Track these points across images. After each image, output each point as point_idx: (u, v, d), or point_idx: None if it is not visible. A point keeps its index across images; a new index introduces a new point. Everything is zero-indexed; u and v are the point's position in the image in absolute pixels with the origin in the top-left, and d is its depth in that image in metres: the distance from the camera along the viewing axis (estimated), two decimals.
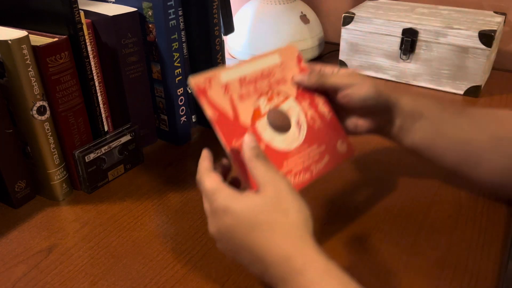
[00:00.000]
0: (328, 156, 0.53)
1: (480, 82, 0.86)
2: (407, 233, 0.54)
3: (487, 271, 0.48)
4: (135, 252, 0.52)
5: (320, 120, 0.54)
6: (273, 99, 0.52)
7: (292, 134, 0.52)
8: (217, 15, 0.69)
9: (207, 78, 0.48)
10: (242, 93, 0.50)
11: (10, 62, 0.52)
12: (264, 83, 0.52)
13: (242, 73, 0.51)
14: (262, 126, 0.50)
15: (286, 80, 0.54)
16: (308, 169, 0.51)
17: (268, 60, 0.54)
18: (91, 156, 0.61)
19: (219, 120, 0.47)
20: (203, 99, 0.47)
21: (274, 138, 0.50)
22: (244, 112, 0.49)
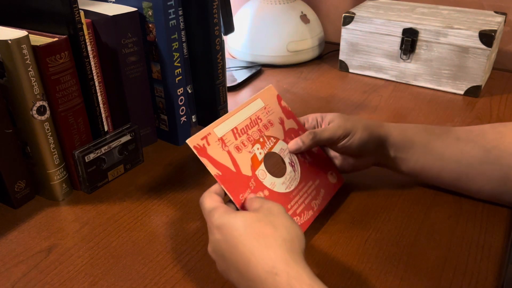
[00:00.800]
0: (323, 190, 0.56)
1: (480, 82, 0.86)
2: (407, 233, 0.54)
3: (487, 271, 0.48)
4: (135, 253, 0.52)
5: (309, 156, 0.58)
6: (265, 144, 0.55)
7: (289, 175, 0.54)
8: (217, 15, 0.69)
9: (204, 136, 0.50)
10: (237, 145, 0.52)
11: (10, 62, 0.52)
12: (255, 130, 0.55)
13: (233, 125, 0.53)
14: (261, 173, 0.52)
15: (273, 123, 0.57)
16: (310, 207, 0.54)
17: (253, 106, 0.56)
18: (91, 156, 0.61)
19: (224, 177, 0.49)
20: (205, 159, 0.49)
21: (275, 182, 0.52)
22: (243, 163, 0.51)
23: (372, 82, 0.95)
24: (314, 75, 0.99)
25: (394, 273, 0.48)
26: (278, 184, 0.53)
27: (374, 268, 0.49)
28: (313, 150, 0.58)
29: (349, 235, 0.54)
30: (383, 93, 0.90)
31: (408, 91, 0.91)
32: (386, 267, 0.49)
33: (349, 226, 0.55)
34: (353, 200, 0.60)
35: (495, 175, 0.53)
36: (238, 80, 0.95)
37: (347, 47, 0.97)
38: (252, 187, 0.50)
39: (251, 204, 0.46)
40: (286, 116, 0.59)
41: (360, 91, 0.91)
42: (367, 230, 0.55)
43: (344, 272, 0.49)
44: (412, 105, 0.85)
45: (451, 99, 0.87)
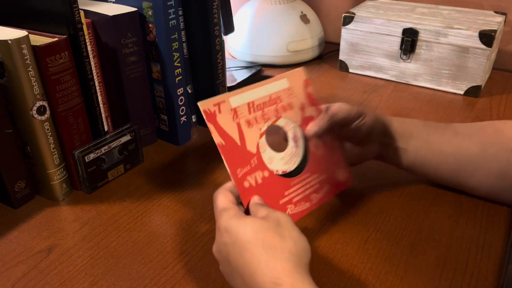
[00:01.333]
0: (327, 186, 0.54)
1: (480, 82, 0.86)
2: (407, 233, 0.54)
3: (487, 271, 0.48)
4: (135, 253, 0.52)
5: (324, 148, 0.55)
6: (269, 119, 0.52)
7: (290, 150, 0.52)
8: (217, 15, 0.69)
9: (217, 103, 0.48)
10: (249, 119, 0.50)
11: (10, 62, 0.52)
12: (272, 109, 0.52)
13: (250, 98, 0.51)
14: (262, 146, 0.50)
15: (293, 106, 0.54)
16: (308, 199, 0.52)
17: (277, 85, 0.54)
18: (91, 156, 0.61)
19: (226, 148, 0.47)
20: (212, 126, 0.48)
21: (273, 157, 0.50)
22: (250, 139, 0.50)
23: (372, 82, 0.95)
24: (314, 75, 0.99)
25: (394, 273, 0.48)
26: (276, 159, 0.51)
27: (374, 268, 0.49)
28: (329, 142, 0.56)
29: (349, 235, 0.54)
30: (383, 93, 0.90)
31: (408, 91, 0.91)
32: (386, 267, 0.49)
33: (349, 226, 0.55)
34: (353, 200, 0.59)
35: (493, 171, 0.54)
36: (238, 80, 0.95)
37: (347, 47, 0.97)
38: (253, 164, 0.49)
39: (256, 211, 0.45)
40: (309, 102, 0.56)
41: (360, 91, 0.91)
42: (367, 230, 0.54)
43: (344, 272, 0.49)
44: (412, 105, 0.85)
45: (451, 99, 0.87)
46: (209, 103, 0.48)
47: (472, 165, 0.55)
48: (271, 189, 0.50)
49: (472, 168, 0.55)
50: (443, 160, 0.56)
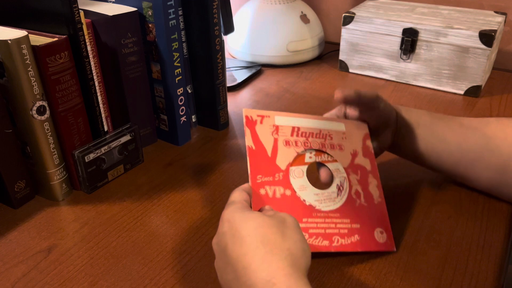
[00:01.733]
0: (359, 237, 0.49)
1: (481, 82, 0.86)
2: (407, 233, 0.54)
3: (487, 271, 0.48)
4: (135, 253, 0.52)
5: (365, 200, 0.51)
6: (321, 156, 0.51)
7: (328, 193, 0.49)
8: (217, 14, 0.69)
9: (261, 115, 0.49)
10: (289, 140, 0.50)
11: (10, 62, 0.52)
12: (317, 141, 0.51)
13: (297, 124, 0.51)
14: (298, 172, 0.49)
15: (343, 149, 0.52)
16: (329, 238, 0.48)
17: (332, 124, 0.53)
18: (91, 156, 0.61)
19: (255, 152, 0.47)
20: (248, 130, 0.48)
21: (306, 187, 0.49)
22: (283, 156, 0.49)
23: (372, 82, 0.95)
24: (314, 75, 0.99)
25: (394, 273, 0.48)
26: (309, 192, 0.48)
27: (374, 268, 0.49)
28: (374, 197, 0.52)
29: None
30: (383, 93, 0.90)
31: (408, 91, 0.91)
32: (386, 267, 0.49)
33: None
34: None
35: (493, 163, 0.54)
36: (238, 80, 0.95)
37: (347, 47, 0.97)
38: (276, 178, 0.47)
39: (265, 210, 0.45)
40: (363, 153, 0.54)
41: None
42: None
43: (344, 272, 0.49)
44: (412, 105, 0.85)
45: (451, 99, 0.87)
46: (254, 113, 0.48)
47: (474, 156, 0.55)
48: (288, 208, 0.48)
49: (473, 159, 0.55)
50: (445, 149, 0.57)
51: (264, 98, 0.89)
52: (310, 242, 0.48)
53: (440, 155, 0.57)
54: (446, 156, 0.57)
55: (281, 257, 0.37)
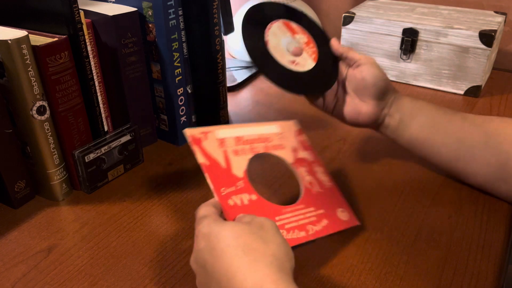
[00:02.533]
0: (326, 220, 0.52)
1: (481, 82, 0.86)
2: (407, 233, 0.54)
3: (487, 271, 0.48)
4: (135, 252, 0.52)
5: (319, 186, 0.55)
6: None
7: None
8: (217, 14, 0.69)
9: (204, 132, 0.50)
10: (237, 149, 0.52)
11: (10, 62, 0.52)
12: (261, 146, 0.54)
13: (239, 133, 0.53)
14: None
15: (284, 147, 0.57)
16: (303, 228, 0.50)
17: (267, 128, 0.57)
18: (91, 156, 0.61)
19: (210, 168, 0.48)
20: (196, 147, 0.49)
21: None
22: (237, 165, 0.51)
23: None
24: None
25: (394, 273, 0.48)
26: (285, 56, 0.57)
27: (374, 268, 0.49)
28: (325, 183, 0.56)
29: (349, 235, 0.54)
30: None
31: (408, 91, 0.91)
32: (386, 267, 0.49)
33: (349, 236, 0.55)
34: (354, 200, 0.59)
35: (492, 160, 0.54)
36: (238, 80, 0.95)
37: None
38: (239, 186, 0.49)
39: (240, 218, 0.44)
40: (302, 147, 0.58)
41: None
42: (367, 230, 0.54)
43: (344, 272, 0.49)
44: None
45: (451, 99, 0.87)
46: (196, 131, 0.50)
47: (473, 152, 0.55)
48: (259, 212, 0.49)
49: (472, 154, 0.56)
50: (446, 142, 0.57)
51: (264, 98, 0.89)
52: (289, 236, 0.49)
53: (439, 147, 0.57)
54: (445, 150, 0.57)
55: (267, 264, 0.36)
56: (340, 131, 0.76)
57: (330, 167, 0.66)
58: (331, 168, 0.66)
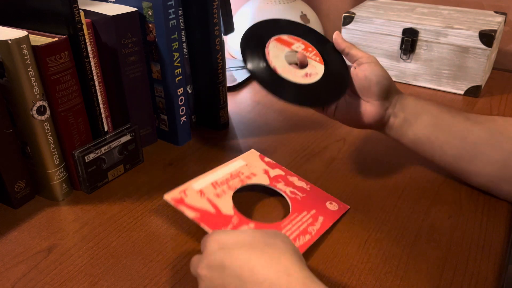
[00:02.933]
0: (322, 217, 0.55)
1: (481, 82, 0.86)
2: (407, 233, 0.54)
3: (487, 271, 0.48)
4: (135, 253, 0.52)
5: (301, 192, 0.59)
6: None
7: None
8: (217, 14, 0.69)
9: (181, 190, 0.53)
10: (217, 193, 0.54)
11: (10, 62, 0.52)
12: (236, 180, 0.58)
13: (212, 179, 0.56)
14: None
15: (256, 174, 0.60)
16: (306, 232, 0.53)
17: (234, 165, 0.60)
18: (91, 156, 0.61)
19: (202, 218, 0.51)
20: (182, 206, 0.51)
21: None
22: (224, 205, 0.53)
23: None
24: None
25: (394, 273, 0.48)
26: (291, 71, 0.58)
27: (374, 268, 0.49)
28: (305, 187, 0.60)
29: (349, 235, 0.54)
30: None
31: (408, 91, 0.91)
32: (386, 267, 0.49)
33: (349, 226, 0.55)
34: (354, 200, 0.59)
35: (495, 158, 0.54)
36: (238, 80, 0.95)
37: None
38: (235, 222, 0.51)
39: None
40: (270, 167, 0.62)
41: None
42: (367, 230, 0.54)
43: (344, 272, 0.49)
44: None
45: (451, 99, 0.87)
46: (175, 192, 0.53)
47: (476, 150, 0.55)
48: None
49: (475, 153, 0.55)
50: (449, 140, 0.56)
51: (264, 98, 0.89)
52: (298, 244, 0.51)
53: (442, 146, 0.57)
54: (448, 148, 0.57)
55: (287, 253, 0.37)
56: (340, 131, 0.76)
57: (330, 167, 0.66)
58: (331, 168, 0.66)
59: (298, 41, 0.63)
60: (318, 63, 0.61)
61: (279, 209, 0.57)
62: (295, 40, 0.62)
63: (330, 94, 0.59)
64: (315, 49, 0.62)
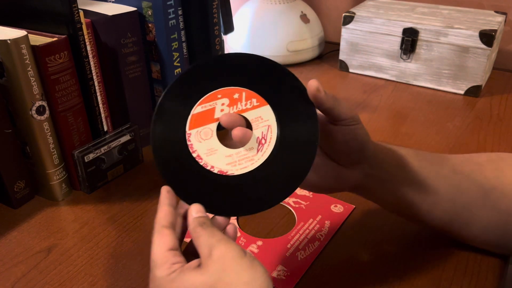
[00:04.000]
0: (328, 221, 0.55)
1: (481, 82, 0.86)
2: (407, 233, 0.54)
3: (487, 271, 0.48)
4: (134, 253, 0.52)
5: (304, 201, 0.59)
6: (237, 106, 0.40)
7: (244, 152, 0.39)
8: (217, 14, 0.69)
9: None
10: None
11: (9, 62, 0.52)
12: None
13: None
14: (204, 134, 0.39)
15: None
16: (315, 239, 0.53)
17: None
18: (91, 156, 0.61)
19: None
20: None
21: (217, 150, 0.39)
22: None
23: (372, 82, 0.95)
24: (314, 75, 0.99)
25: (394, 273, 0.48)
26: (219, 155, 0.39)
27: (374, 268, 0.49)
28: (307, 195, 0.60)
29: (349, 235, 0.54)
30: (383, 93, 0.90)
31: (408, 91, 0.91)
32: (386, 267, 0.49)
33: (349, 226, 0.55)
34: (354, 200, 0.59)
35: (493, 222, 0.46)
36: None
37: (347, 47, 0.97)
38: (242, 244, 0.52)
39: (196, 243, 0.35)
40: None
41: (360, 91, 0.91)
42: (367, 230, 0.54)
43: (344, 272, 0.49)
44: (412, 105, 0.85)
45: (451, 99, 0.87)
46: None
47: (470, 214, 0.46)
48: (271, 250, 0.52)
49: (469, 216, 0.46)
50: (437, 202, 0.46)
51: None
52: (308, 252, 0.51)
53: (430, 209, 0.46)
54: (437, 212, 0.46)
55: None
56: None
57: None
58: None
59: (224, 95, 0.39)
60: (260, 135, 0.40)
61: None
62: (222, 95, 0.39)
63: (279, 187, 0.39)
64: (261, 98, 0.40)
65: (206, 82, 0.39)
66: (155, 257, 0.35)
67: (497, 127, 0.77)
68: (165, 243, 0.35)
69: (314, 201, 0.59)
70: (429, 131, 0.76)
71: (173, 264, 0.34)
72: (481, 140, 0.73)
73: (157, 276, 0.34)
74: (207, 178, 0.38)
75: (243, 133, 0.38)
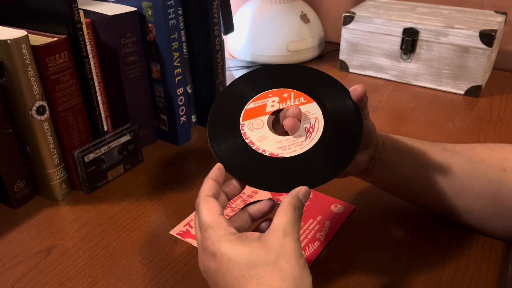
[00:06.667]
0: (328, 221, 0.56)
1: (481, 82, 0.86)
2: (407, 233, 0.54)
3: (487, 271, 0.48)
4: (134, 253, 0.52)
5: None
6: (286, 102, 0.47)
7: (294, 139, 0.44)
8: (217, 14, 0.69)
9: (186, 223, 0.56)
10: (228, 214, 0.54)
11: (9, 62, 0.52)
12: (239, 201, 0.59)
13: None
14: (256, 124, 0.45)
15: (258, 191, 0.59)
16: (315, 239, 0.53)
17: None
18: (91, 156, 0.61)
19: None
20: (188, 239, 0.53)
21: (268, 137, 0.44)
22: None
23: (372, 82, 0.95)
24: None
25: (394, 273, 0.48)
26: (270, 140, 0.43)
27: (374, 268, 0.49)
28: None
29: (349, 235, 0.54)
30: (383, 93, 0.90)
31: (408, 91, 0.91)
32: (386, 267, 0.49)
33: (349, 226, 0.55)
34: (355, 201, 0.59)
35: (483, 191, 0.49)
36: None
37: (347, 47, 0.97)
38: None
39: (278, 220, 0.37)
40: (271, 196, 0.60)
41: None
42: (367, 230, 0.54)
43: (344, 272, 0.49)
44: (413, 105, 0.85)
45: (451, 99, 0.87)
46: (179, 227, 0.54)
47: (461, 182, 0.49)
48: None
49: (460, 187, 0.49)
50: (429, 176, 0.50)
51: None
52: (309, 252, 0.51)
53: (423, 183, 0.51)
54: (431, 185, 0.50)
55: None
56: None
57: None
58: None
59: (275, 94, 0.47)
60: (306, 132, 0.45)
61: None
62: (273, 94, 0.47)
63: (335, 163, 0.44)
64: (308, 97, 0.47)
65: (258, 85, 0.47)
66: (207, 219, 0.37)
67: (497, 127, 0.77)
68: (214, 208, 0.38)
69: (314, 201, 0.59)
70: (429, 131, 0.76)
71: (228, 227, 0.37)
72: (481, 140, 0.73)
73: (214, 235, 0.36)
74: (259, 160, 0.43)
75: (294, 123, 0.43)
